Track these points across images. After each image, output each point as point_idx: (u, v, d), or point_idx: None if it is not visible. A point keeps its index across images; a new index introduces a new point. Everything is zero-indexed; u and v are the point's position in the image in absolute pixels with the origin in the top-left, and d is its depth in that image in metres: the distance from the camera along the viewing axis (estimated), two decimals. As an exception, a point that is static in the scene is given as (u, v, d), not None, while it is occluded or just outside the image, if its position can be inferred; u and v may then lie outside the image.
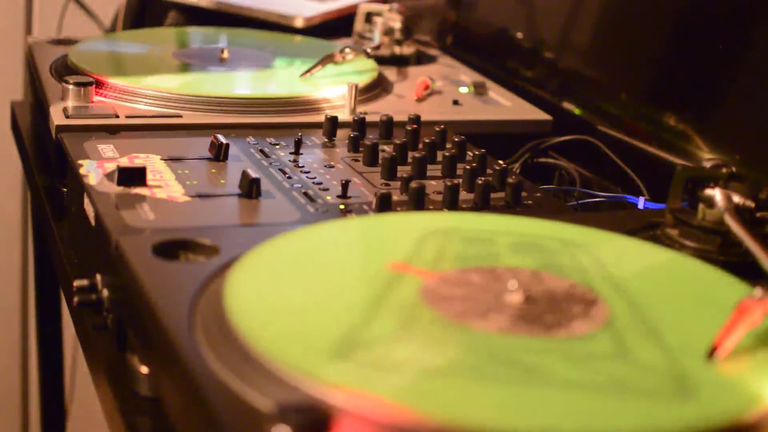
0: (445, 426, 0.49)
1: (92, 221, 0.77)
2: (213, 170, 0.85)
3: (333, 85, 1.08)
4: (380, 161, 0.88)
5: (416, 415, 0.49)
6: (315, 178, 0.86)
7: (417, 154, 0.88)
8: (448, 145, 0.94)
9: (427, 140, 0.92)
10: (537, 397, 0.52)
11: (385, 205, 0.79)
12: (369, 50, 1.19)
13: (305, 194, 0.82)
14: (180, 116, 0.99)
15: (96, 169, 0.83)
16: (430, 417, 0.49)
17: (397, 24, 1.28)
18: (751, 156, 0.93)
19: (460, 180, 0.85)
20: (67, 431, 1.56)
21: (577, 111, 1.15)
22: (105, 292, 0.72)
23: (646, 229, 0.78)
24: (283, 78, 1.14)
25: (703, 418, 0.51)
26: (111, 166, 0.83)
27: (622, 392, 0.53)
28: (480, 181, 0.83)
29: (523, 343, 0.57)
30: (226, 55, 1.17)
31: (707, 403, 0.53)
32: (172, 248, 0.69)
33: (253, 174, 0.80)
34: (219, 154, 0.87)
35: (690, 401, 0.52)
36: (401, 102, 1.11)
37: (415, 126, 0.96)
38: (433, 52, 1.35)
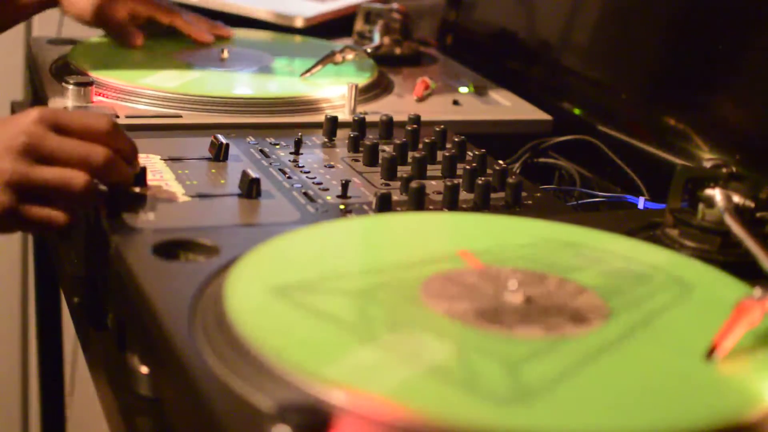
0: (444, 425, 0.49)
1: (92, 221, 0.77)
2: (213, 170, 0.85)
3: (333, 85, 1.08)
4: (380, 161, 0.88)
5: (416, 415, 0.49)
6: (315, 178, 0.86)
7: (417, 154, 0.88)
8: (448, 145, 0.94)
9: (427, 140, 0.92)
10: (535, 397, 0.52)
11: (385, 205, 0.79)
12: (369, 50, 1.19)
13: (305, 194, 0.82)
14: (180, 116, 0.99)
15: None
16: (430, 416, 0.49)
17: (397, 24, 1.28)
18: (751, 156, 0.93)
19: (460, 180, 0.85)
20: (67, 431, 1.56)
21: (577, 111, 1.15)
22: (105, 292, 0.72)
23: (646, 229, 0.78)
24: (283, 78, 1.14)
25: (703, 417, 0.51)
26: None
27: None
28: (480, 181, 0.83)
29: (522, 341, 0.57)
30: (226, 55, 1.17)
31: (707, 403, 0.53)
32: (172, 248, 0.69)
33: (253, 174, 0.80)
34: (219, 154, 0.87)
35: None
36: (401, 102, 1.10)
37: (415, 126, 0.96)
38: (433, 52, 1.36)
